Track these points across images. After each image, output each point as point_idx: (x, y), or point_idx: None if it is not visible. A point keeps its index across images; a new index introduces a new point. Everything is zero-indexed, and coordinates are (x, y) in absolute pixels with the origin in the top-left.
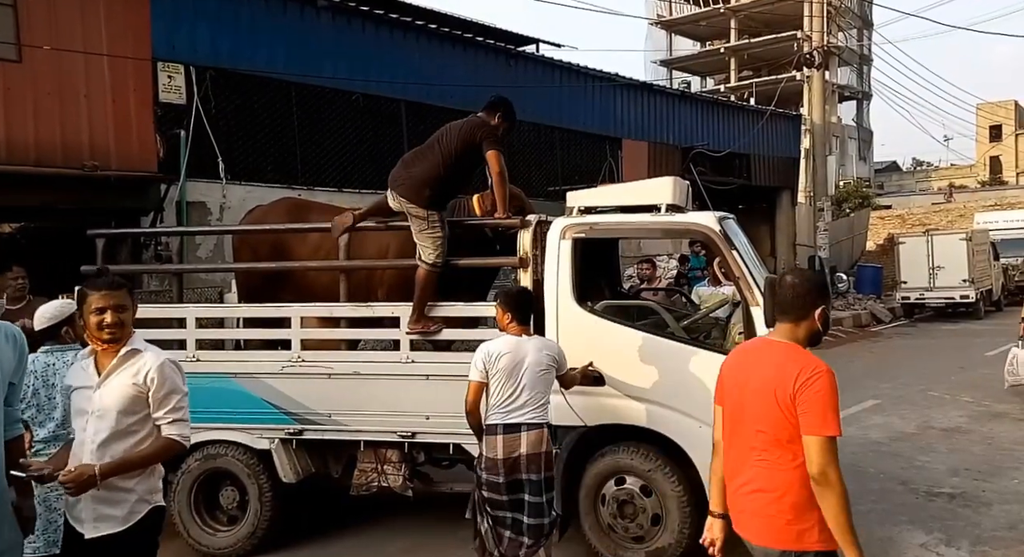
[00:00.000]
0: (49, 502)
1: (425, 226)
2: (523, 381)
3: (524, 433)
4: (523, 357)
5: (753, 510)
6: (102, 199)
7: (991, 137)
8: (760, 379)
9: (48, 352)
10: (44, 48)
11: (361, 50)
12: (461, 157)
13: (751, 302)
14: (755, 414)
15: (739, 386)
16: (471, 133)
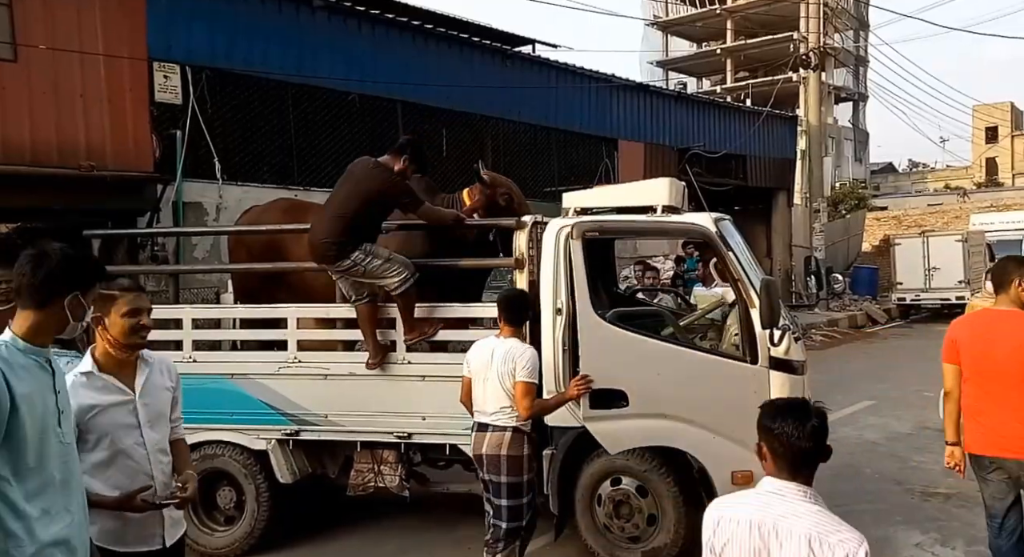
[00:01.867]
0: None
1: (363, 269)
2: (489, 383)
3: (488, 433)
4: (490, 359)
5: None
6: (98, 199)
7: (987, 138)
8: (1017, 339)
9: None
10: (40, 47)
11: (357, 50)
12: (363, 214)
13: (748, 303)
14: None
15: (987, 345)
16: (373, 187)
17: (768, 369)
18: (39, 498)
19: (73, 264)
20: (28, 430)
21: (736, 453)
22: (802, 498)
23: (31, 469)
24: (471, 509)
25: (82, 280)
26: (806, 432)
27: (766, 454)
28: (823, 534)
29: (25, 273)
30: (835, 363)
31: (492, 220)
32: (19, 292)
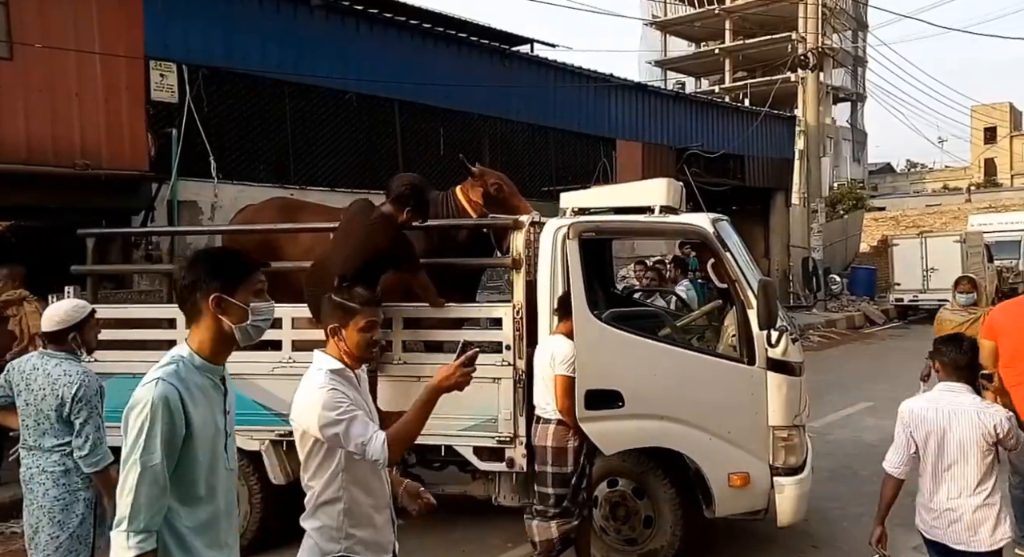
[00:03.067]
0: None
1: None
2: (538, 377)
3: (539, 425)
4: (540, 355)
5: None
6: (93, 198)
7: (985, 139)
8: None
9: (42, 355)
10: (36, 46)
11: (355, 49)
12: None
13: (746, 304)
14: None
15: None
16: (377, 246)
17: (765, 370)
18: (208, 531)
19: (214, 262)
20: (200, 457)
21: (733, 455)
22: (966, 390)
23: (201, 499)
24: (466, 511)
25: (225, 278)
26: (963, 351)
27: (939, 367)
28: (982, 409)
29: (177, 283)
30: (833, 364)
31: (488, 220)
32: (180, 305)
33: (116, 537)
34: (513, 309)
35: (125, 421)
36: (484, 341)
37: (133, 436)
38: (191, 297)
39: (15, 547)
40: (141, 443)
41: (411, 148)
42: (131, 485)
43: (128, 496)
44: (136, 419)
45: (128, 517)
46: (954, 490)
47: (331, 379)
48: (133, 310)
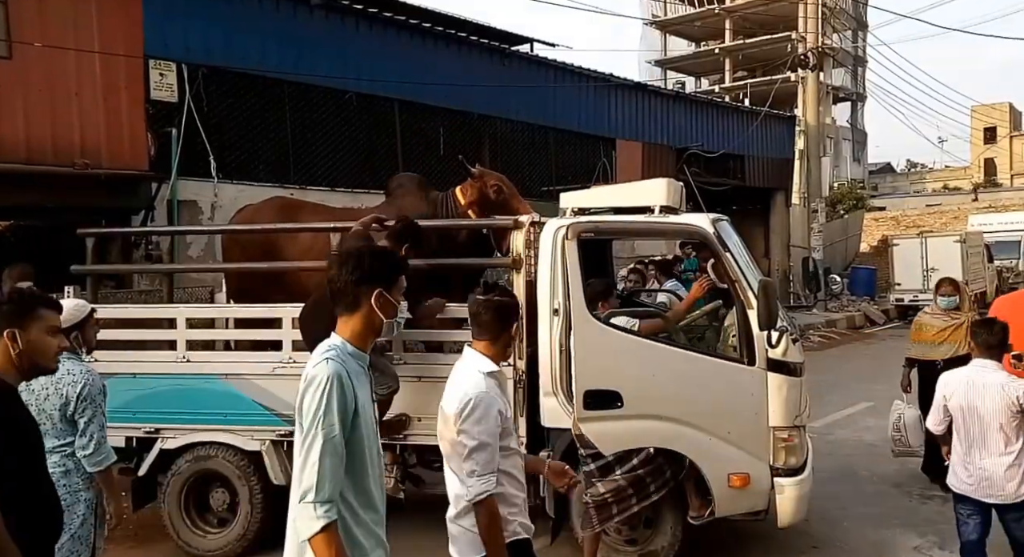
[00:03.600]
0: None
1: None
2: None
3: None
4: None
5: None
6: (93, 198)
7: (985, 139)
8: None
9: None
10: (35, 45)
11: (354, 48)
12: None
13: (746, 304)
14: None
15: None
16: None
17: (766, 371)
18: (369, 500)
19: (377, 261)
20: (363, 431)
21: (733, 455)
22: (996, 367)
23: (366, 471)
24: None
25: (386, 276)
26: (994, 333)
27: (973, 347)
28: (1007, 382)
29: (335, 277)
30: (833, 364)
31: (486, 221)
32: (335, 297)
33: (303, 508)
34: None
35: (302, 398)
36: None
37: (313, 410)
38: (355, 291)
39: None
40: (321, 416)
41: (411, 148)
42: (314, 457)
43: (312, 468)
44: (314, 394)
45: (314, 487)
46: (985, 453)
47: (489, 384)
48: (133, 310)
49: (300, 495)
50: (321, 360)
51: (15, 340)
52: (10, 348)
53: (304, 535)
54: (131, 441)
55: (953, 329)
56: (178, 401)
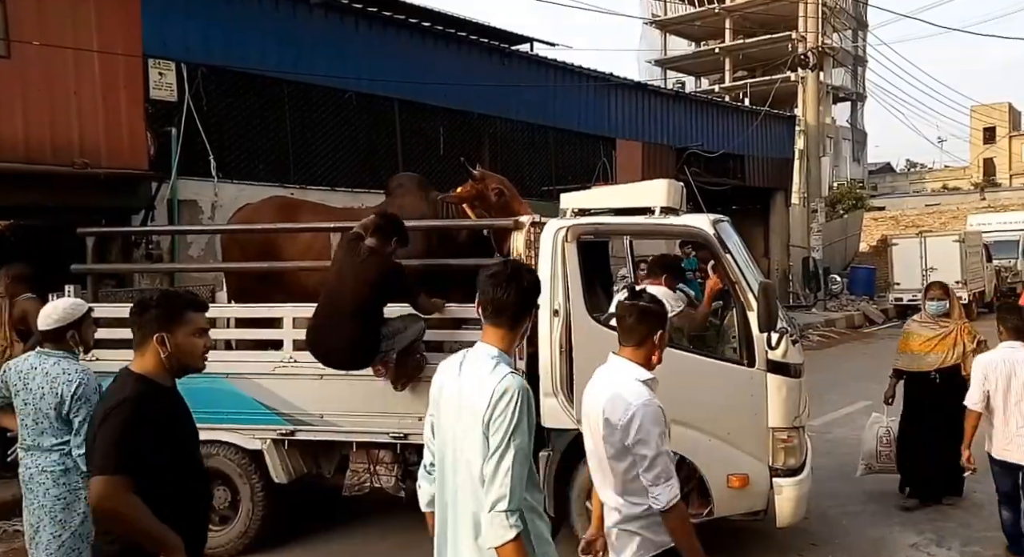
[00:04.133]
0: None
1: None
2: None
3: None
4: None
5: None
6: (92, 197)
7: (985, 139)
8: None
9: (39, 354)
10: (33, 43)
11: (354, 48)
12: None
13: (746, 306)
14: None
15: None
16: (374, 280)
17: (765, 372)
18: (544, 515)
19: (535, 280)
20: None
21: (732, 456)
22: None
23: (536, 480)
24: None
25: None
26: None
27: (1002, 331)
28: None
29: (505, 293)
30: (832, 363)
31: (488, 221)
32: (499, 312)
33: (495, 517)
34: None
35: (493, 409)
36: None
37: (507, 422)
38: (523, 306)
39: (17, 545)
40: (514, 428)
41: (411, 147)
42: (507, 466)
43: (505, 477)
44: (507, 407)
45: (507, 497)
46: (1021, 421)
47: (652, 392)
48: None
49: (491, 504)
50: (507, 373)
51: (164, 344)
52: (160, 351)
53: (495, 543)
54: None
55: (941, 338)
56: None
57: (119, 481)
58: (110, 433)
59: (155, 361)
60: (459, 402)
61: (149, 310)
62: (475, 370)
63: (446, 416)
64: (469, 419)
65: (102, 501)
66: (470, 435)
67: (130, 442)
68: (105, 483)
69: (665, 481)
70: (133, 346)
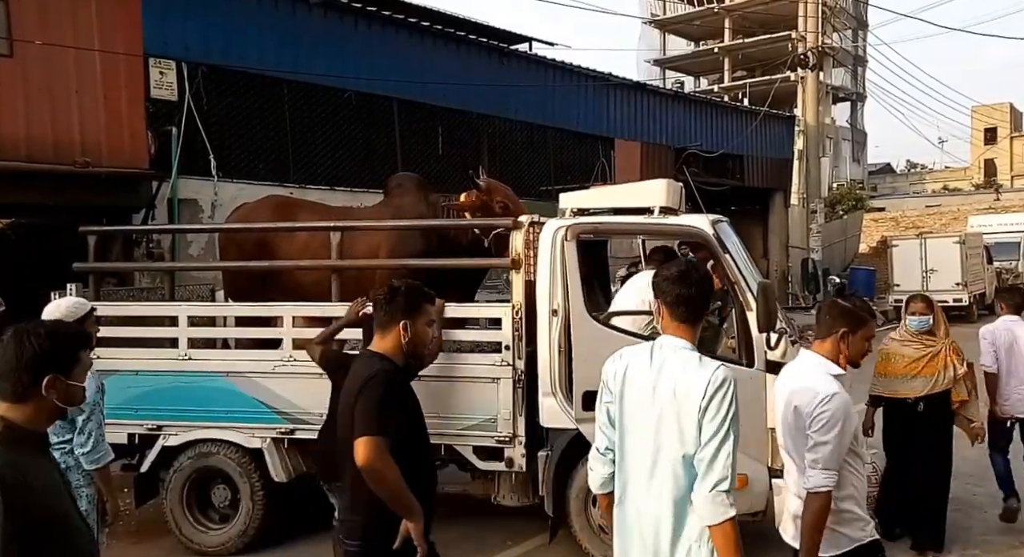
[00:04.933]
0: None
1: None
2: None
3: None
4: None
5: None
6: (93, 196)
7: (986, 140)
8: None
9: None
10: (35, 43)
11: (353, 47)
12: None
13: (744, 306)
14: None
15: None
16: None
17: (764, 373)
18: None
19: (710, 279)
20: None
21: None
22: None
23: None
24: (466, 510)
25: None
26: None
27: (1003, 307)
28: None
29: (687, 293)
30: None
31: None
32: (685, 309)
33: (715, 496)
34: (512, 309)
35: (710, 399)
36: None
37: (725, 410)
38: (707, 305)
39: None
40: (732, 415)
41: (409, 147)
42: (727, 451)
43: (726, 461)
44: (724, 396)
45: (727, 479)
46: (1018, 382)
47: (842, 387)
48: (135, 307)
49: (712, 485)
50: (718, 366)
51: (406, 330)
52: (402, 336)
53: (715, 520)
54: (133, 438)
55: (929, 359)
56: (180, 398)
57: (382, 442)
58: (369, 401)
59: (395, 344)
60: (654, 391)
61: (397, 299)
62: (679, 362)
63: (634, 403)
64: (671, 408)
65: (370, 460)
66: (669, 422)
67: (386, 410)
68: (371, 442)
69: (823, 469)
70: (374, 328)
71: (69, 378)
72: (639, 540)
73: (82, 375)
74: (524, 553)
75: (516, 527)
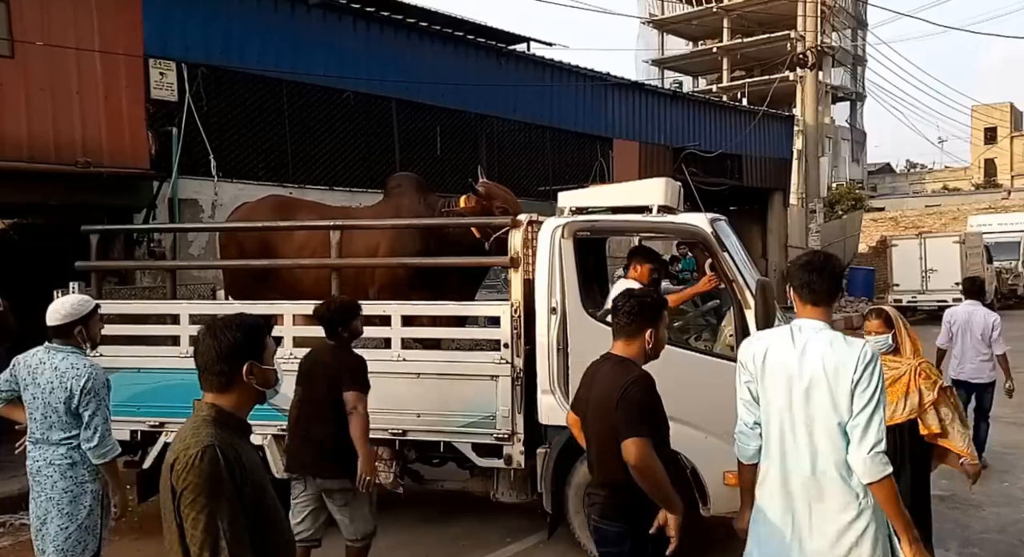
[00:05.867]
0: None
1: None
2: None
3: None
4: None
5: None
6: (94, 196)
7: (986, 139)
8: None
9: (48, 349)
10: (36, 43)
11: (352, 48)
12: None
13: (743, 304)
14: None
15: None
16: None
17: None
18: None
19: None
20: None
21: (729, 453)
22: (979, 304)
23: None
24: (465, 506)
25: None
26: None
27: (965, 292)
28: (987, 313)
29: (819, 279)
30: None
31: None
32: (819, 293)
33: (874, 458)
34: (511, 308)
35: (861, 372)
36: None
37: (874, 382)
38: (839, 290)
39: (24, 538)
40: (880, 387)
41: (408, 147)
42: (880, 417)
43: (879, 425)
44: (874, 370)
45: (882, 441)
46: (972, 353)
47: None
48: (137, 306)
49: (869, 447)
50: (865, 344)
51: (651, 338)
52: (647, 343)
53: (874, 478)
54: (136, 434)
55: (889, 384)
56: (182, 395)
57: (649, 443)
58: (634, 403)
59: (640, 350)
60: (800, 369)
61: (643, 310)
62: (824, 341)
63: (778, 381)
64: (822, 383)
65: (643, 459)
66: (821, 395)
67: (649, 411)
68: (642, 444)
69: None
70: (617, 335)
71: (262, 363)
72: (786, 502)
73: (271, 359)
74: (523, 550)
75: (515, 524)
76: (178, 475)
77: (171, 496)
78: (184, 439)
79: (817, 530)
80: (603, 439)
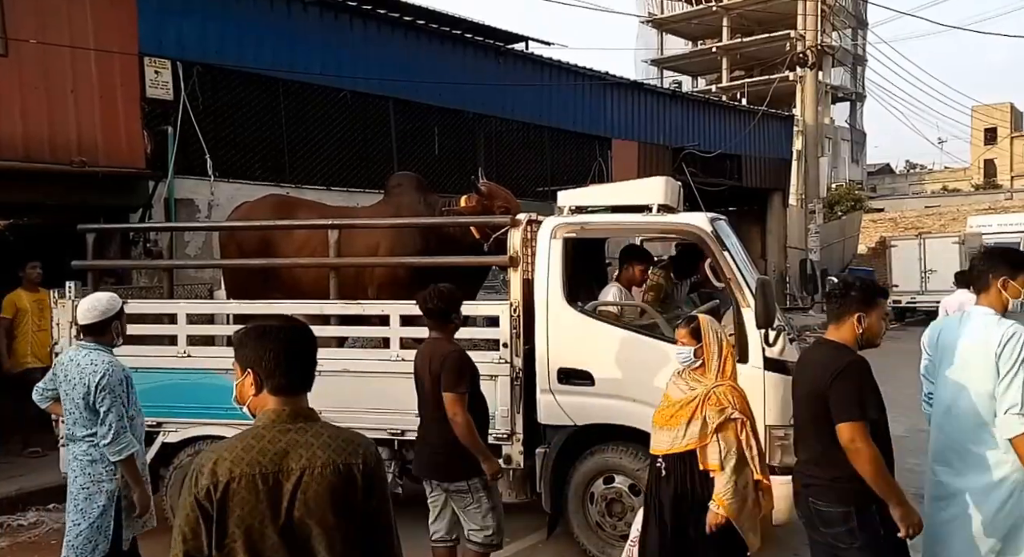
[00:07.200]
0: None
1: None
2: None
3: None
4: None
5: None
6: (90, 195)
7: (986, 140)
8: None
9: (78, 348)
10: (30, 42)
11: (349, 47)
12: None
13: (742, 304)
14: None
15: None
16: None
17: (762, 370)
18: None
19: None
20: None
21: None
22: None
23: None
24: None
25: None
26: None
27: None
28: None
29: (975, 274)
30: None
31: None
32: (981, 284)
33: (1012, 417)
34: (511, 307)
35: (1004, 346)
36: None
37: (1017, 353)
38: (986, 276)
39: (22, 539)
40: (1021, 358)
41: (406, 146)
42: (1019, 383)
43: (1019, 390)
44: (1018, 343)
45: (1020, 403)
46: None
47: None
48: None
49: (1007, 408)
50: (1012, 323)
51: (860, 322)
52: (856, 327)
53: (1012, 434)
54: None
55: (682, 406)
56: (179, 395)
57: (865, 426)
58: (852, 387)
59: (851, 334)
60: (960, 345)
61: (852, 292)
62: (980, 323)
63: (946, 357)
64: (976, 355)
65: (855, 441)
66: (975, 365)
67: (866, 395)
68: (856, 426)
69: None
70: (829, 319)
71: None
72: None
73: None
74: (522, 549)
75: (514, 524)
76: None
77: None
78: (347, 440)
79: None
80: (813, 420)
